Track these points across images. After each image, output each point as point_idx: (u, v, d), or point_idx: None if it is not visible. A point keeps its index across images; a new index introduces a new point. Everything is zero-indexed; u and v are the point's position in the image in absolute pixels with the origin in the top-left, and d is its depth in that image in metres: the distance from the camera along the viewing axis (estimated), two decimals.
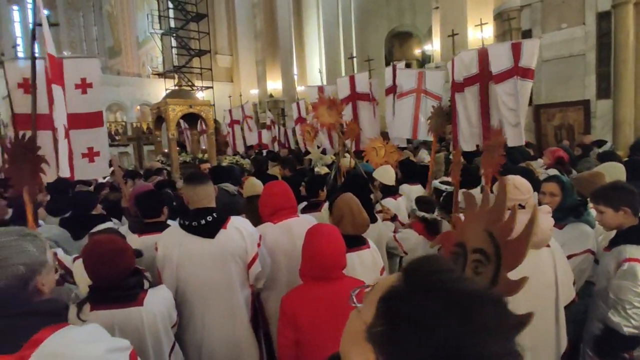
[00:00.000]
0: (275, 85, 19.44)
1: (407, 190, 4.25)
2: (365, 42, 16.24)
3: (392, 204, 3.68)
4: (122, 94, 20.15)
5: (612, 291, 2.03)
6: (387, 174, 3.94)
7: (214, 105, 13.49)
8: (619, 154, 5.63)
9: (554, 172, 4.10)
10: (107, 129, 7.83)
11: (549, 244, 1.91)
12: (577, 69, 8.20)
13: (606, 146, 6.29)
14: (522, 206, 1.80)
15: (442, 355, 0.50)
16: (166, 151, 8.91)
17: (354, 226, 2.35)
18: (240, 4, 21.05)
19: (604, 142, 6.44)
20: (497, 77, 4.19)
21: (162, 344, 1.79)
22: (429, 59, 15.37)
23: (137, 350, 1.23)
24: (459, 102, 5.36)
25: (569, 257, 2.28)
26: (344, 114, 5.28)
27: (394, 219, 3.47)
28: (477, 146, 6.10)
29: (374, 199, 3.58)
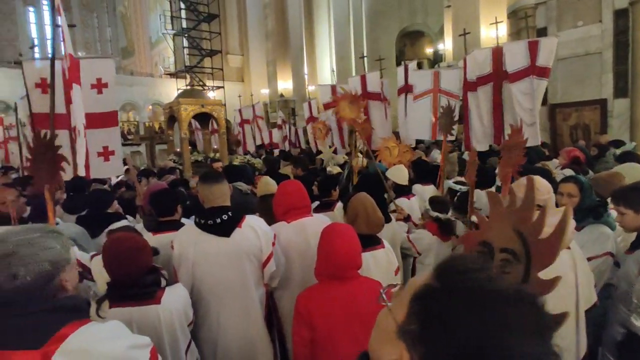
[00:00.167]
0: (285, 85, 19.50)
1: (420, 190, 4.22)
2: (376, 42, 16.17)
3: (406, 204, 3.66)
4: (135, 93, 20.42)
5: (636, 295, 1.98)
6: (400, 174, 3.91)
7: (225, 105, 13.57)
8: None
9: (569, 172, 4.02)
10: (120, 128, 7.93)
11: (569, 246, 1.88)
12: (594, 67, 8.06)
13: (628, 146, 6.12)
14: (540, 206, 1.77)
15: (476, 354, 0.50)
16: (178, 150, 8.99)
17: (369, 225, 2.34)
18: (251, 4, 21.17)
19: (622, 143, 6.28)
20: (513, 76, 4.13)
21: (179, 342, 1.80)
22: (441, 59, 15.23)
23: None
24: (471, 101, 5.31)
25: (588, 260, 2.22)
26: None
27: (407, 219, 3.45)
28: (490, 146, 6.04)
29: (388, 199, 3.56)
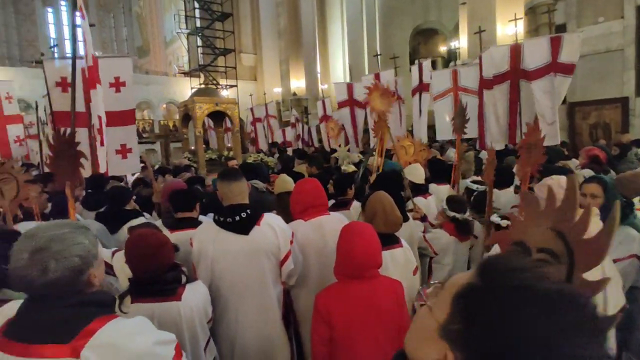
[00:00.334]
0: (298, 83, 19.51)
1: (435, 190, 4.17)
2: (389, 40, 16.07)
3: (423, 203, 3.62)
4: (150, 92, 20.73)
5: None
6: (417, 172, 3.87)
7: (238, 103, 13.65)
8: None
9: (589, 172, 3.91)
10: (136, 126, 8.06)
11: None
12: (615, 64, 7.85)
13: None
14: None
15: (522, 353, 0.49)
16: (193, 148, 9.07)
17: (386, 224, 2.32)
18: (264, 3, 21.23)
19: None
20: (533, 73, 4.04)
21: (199, 339, 1.82)
22: (455, 57, 15.06)
23: None
24: (487, 99, 5.22)
25: (613, 262, 2.17)
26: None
27: (423, 219, 3.41)
28: (506, 145, 5.94)
29: (405, 197, 3.53)
